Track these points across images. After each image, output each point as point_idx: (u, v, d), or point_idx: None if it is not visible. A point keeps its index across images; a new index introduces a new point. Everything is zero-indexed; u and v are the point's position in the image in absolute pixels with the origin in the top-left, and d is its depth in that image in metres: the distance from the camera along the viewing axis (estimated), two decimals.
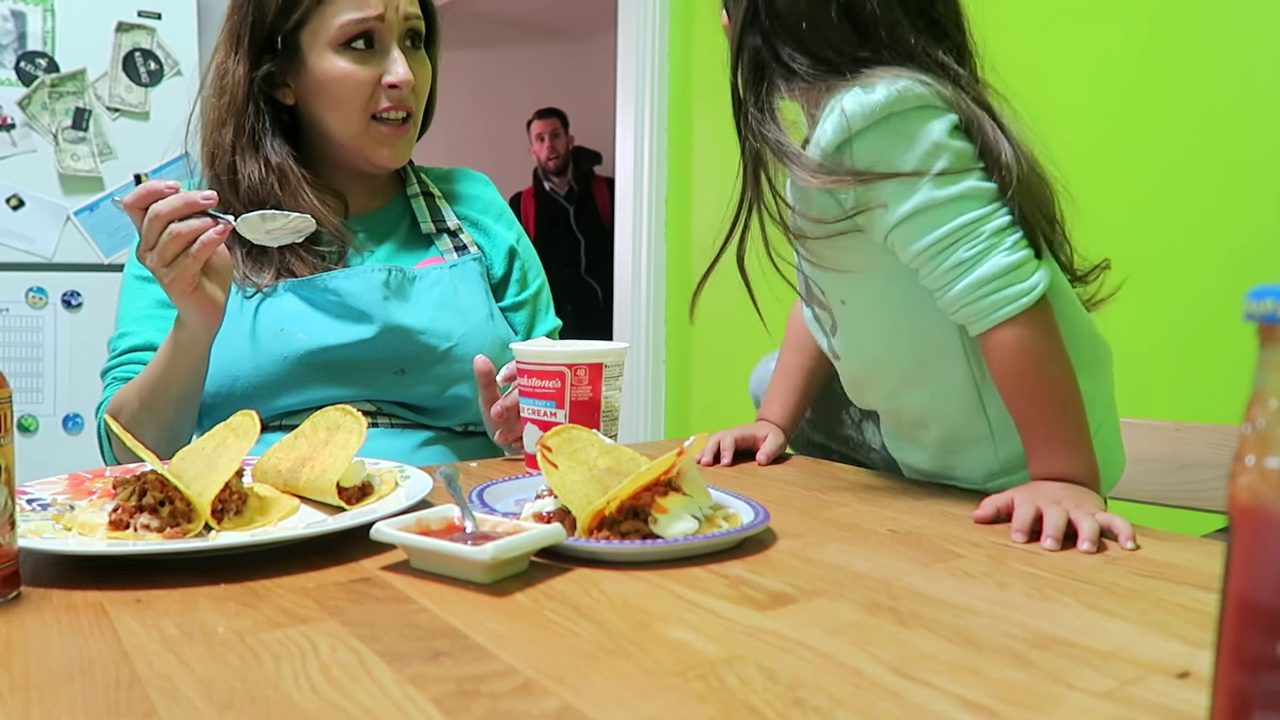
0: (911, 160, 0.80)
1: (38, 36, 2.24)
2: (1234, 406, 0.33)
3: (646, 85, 2.66)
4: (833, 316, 0.94)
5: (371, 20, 1.06)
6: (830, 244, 0.86)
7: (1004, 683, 0.46)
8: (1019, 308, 0.79)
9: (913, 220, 0.81)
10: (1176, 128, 1.54)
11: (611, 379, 0.89)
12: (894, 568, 0.65)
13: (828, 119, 0.81)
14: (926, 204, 0.80)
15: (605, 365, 0.88)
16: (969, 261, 0.80)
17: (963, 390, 0.90)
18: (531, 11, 5.00)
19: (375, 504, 0.75)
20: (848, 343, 0.95)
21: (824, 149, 0.81)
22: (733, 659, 0.48)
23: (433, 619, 0.54)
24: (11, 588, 0.57)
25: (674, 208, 2.69)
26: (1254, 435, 0.31)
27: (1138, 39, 1.58)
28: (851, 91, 0.80)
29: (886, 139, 0.80)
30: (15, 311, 2.25)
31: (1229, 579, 0.32)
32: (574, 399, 0.86)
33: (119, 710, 0.43)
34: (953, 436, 0.93)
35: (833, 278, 0.91)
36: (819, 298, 0.95)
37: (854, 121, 0.79)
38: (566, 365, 0.87)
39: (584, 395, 0.86)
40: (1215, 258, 1.49)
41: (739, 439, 1.05)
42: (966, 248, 0.80)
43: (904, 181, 0.80)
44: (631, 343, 2.72)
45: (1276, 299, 0.30)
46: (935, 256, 0.81)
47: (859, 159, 0.81)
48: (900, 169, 0.80)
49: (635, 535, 0.66)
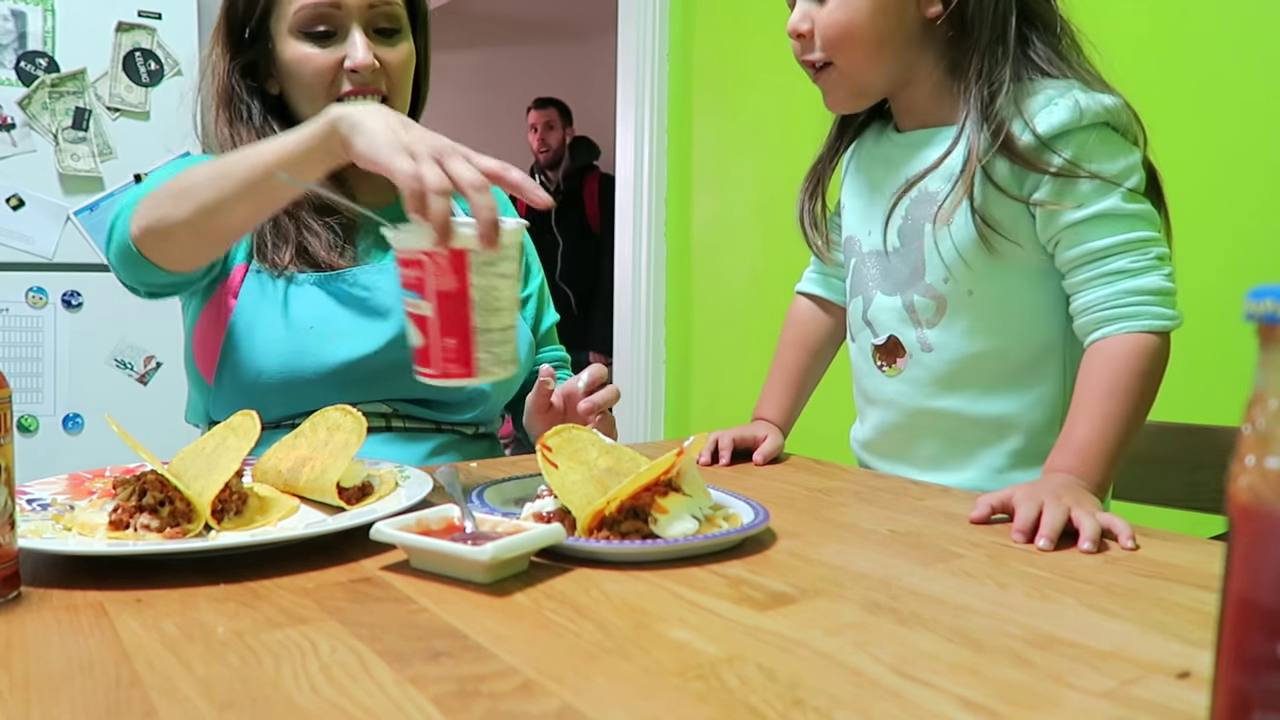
0: (1112, 169, 0.86)
1: (38, 36, 2.24)
2: (1234, 406, 0.33)
3: (646, 85, 2.66)
4: (942, 305, 0.94)
5: (325, 5, 1.05)
6: (1010, 207, 0.88)
7: (1004, 683, 0.46)
8: (1160, 327, 0.84)
9: (1092, 222, 0.86)
10: (1176, 127, 1.54)
11: (488, 267, 0.73)
12: (894, 568, 0.65)
13: (1055, 106, 0.85)
14: (1111, 210, 0.85)
15: (471, 252, 0.73)
16: (1130, 272, 0.85)
17: (1053, 403, 0.94)
18: (531, 11, 5.00)
19: (375, 504, 0.75)
20: (953, 335, 0.94)
21: (1041, 133, 0.85)
22: (733, 659, 0.48)
23: (433, 619, 0.54)
24: (11, 588, 0.57)
25: (674, 208, 2.69)
26: (1254, 435, 0.31)
27: (1137, 38, 1.58)
28: (1080, 89, 0.86)
29: (1101, 142, 0.86)
30: (15, 311, 2.25)
31: (1229, 579, 0.32)
32: (438, 289, 0.73)
33: (119, 710, 0.43)
34: (1023, 451, 0.94)
35: (969, 265, 0.91)
36: (927, 284, 0.94)
37: (1085, 115, 0.85)
38: (423, 252, 0.73)
39: (449, 285, 0.73)
40: (1215, 258, 1.49)
41: (737, 439, 1.05)
42: (1131, 259, 0.85)
43: (1099, 186, 0.85)
44: (631, 343, 2.72)
45: (1276, 299, 0.30)
46: (1099, 259, 0.86)
47: (1074, 150, 0.85)
48: (1102, 174, 0.85)
49: (635, 535, 0.66)
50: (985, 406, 0.95)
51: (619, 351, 2.78)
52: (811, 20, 0.91)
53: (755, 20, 2.41)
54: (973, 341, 0.93)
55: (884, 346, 0.99)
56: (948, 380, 0.96)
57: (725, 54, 2.54)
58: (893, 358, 0.99)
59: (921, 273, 0.94)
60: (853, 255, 1.03)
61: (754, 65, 2.41)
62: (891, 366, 0.99)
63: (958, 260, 0.92)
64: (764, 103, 2.37)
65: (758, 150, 2.36)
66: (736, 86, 2.50)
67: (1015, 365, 0.93)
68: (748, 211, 2.42)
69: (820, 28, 0.90)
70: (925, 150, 0.95)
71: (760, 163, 2.35)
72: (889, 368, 0.99)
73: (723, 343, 2.52)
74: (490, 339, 0.74)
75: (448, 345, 0.74)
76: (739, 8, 2.48)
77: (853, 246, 1.03)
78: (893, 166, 0.98)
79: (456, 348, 0.74)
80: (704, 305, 2.58)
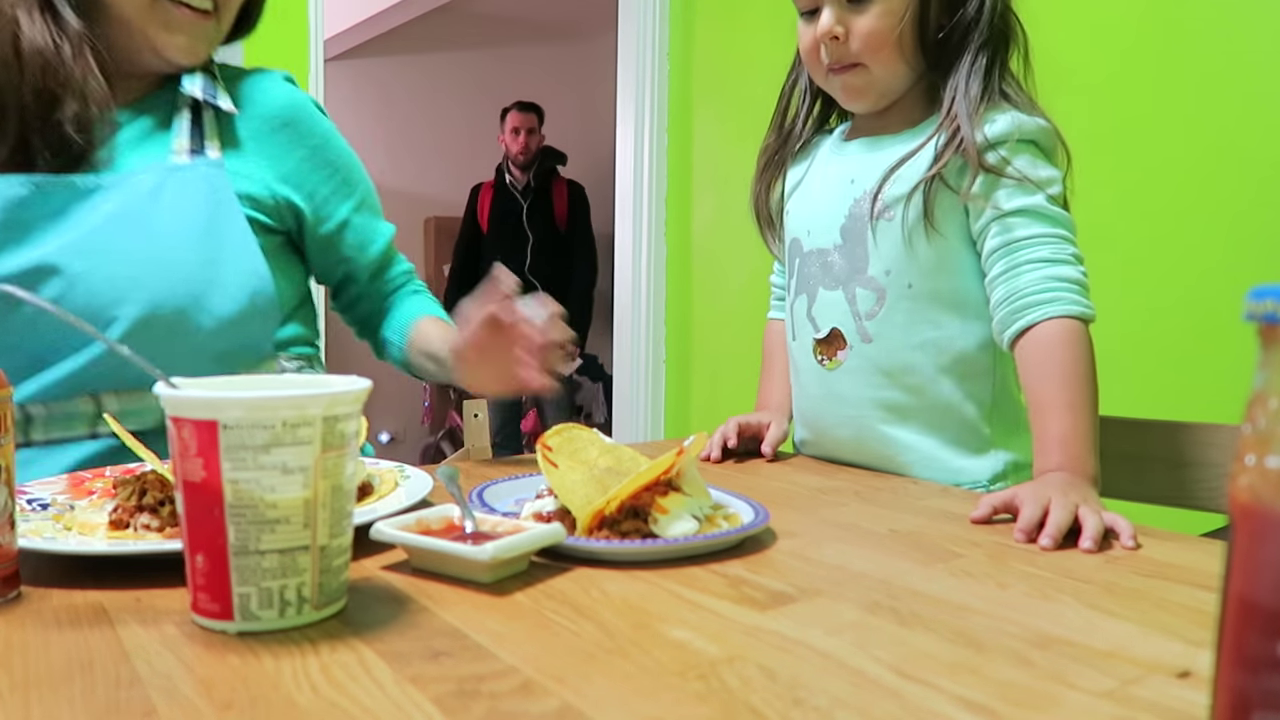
0: (1037, 176, 0.91)
1: None
2: (1234, 406, 0.33)
3: (646, 85, 2.66)
4: (882, 296, 0.98)
5: None
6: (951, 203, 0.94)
7: (1004, 683, 0.46)
8: (1081, 314, 0.87)
9: (1018, 215, 0.91)
10: (1176, 127, 1.54)
11: (249, 454, 0.50)
12: (894, 568, 0.65)
13: (997, 118, 0.92)
14: (1035, 207, 0.91)
15: (224, 426, 0.49)
16: (1052, 260, 0.89)
17: (983, 399, 0.98)
18: (531, 11, 5.00)
19: (375, 504, 0.75)
20: (891, 326, 0.98)
21: (987, 137, 0.92)
22: (733, 659, 0.48)
23: (433, 619, 0.54)
24: (11, 588, 0.57)
25: (674, 208, 2.69)
26: (1254, 435, 0.31)
27: (1136, 37, 1.58)
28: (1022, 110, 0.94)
29: (1031, 154, 0.93)
30: None
31: (1229, 579, 0.32)
32: (185, 476, 0.51)
33: (119, 710, 0.43)
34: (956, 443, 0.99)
35: (909, 258, 0.96)
36: (869, 276, 0.98)
37: (1020, 130, 0.92)
38: (170, 417, 0.51)
39: (195, 474, 0.51)
40: (1215, 257, 1.49)
41: (742, 425, 1.07)
42: (1052, 250, 0.90)
43: (1026, 186, 0.91)
44: (631, 343, 2.72)
45: (1276, 299, 0.30)
46: (1021, 247, 0.90)
47: (1009, 156, 0.92)
48: (1030, 177, 0.91)
49: (635, 535, 0.66)
50: (920, 398, 0.98)
51: (619, 351, 2.78)
52: (845, 25, 0.95)
53: (755, 20, 2.41)
54: (910, 333, 0.97)
55: (825, 340, 1.03)
56: (885, 371, 0.99)
57: (725, 54, 2.54)
58: (833, 350, 1.02)
59: (864, 266, 0.99)
60: (796, 256, 1.07)
61: (754, 65, 2.41)
62: (831, 360, 1.03)
63: (901, 252, 0.96)
64: (764, 103, 2.37)
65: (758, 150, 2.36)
66: (736, 86, 2.50)
67: (950, 358, 0.97)
68: (747, 211, 2.42)
69: (861, 34, 0.95)
70: (878, 153, 1.00)
71: None
72: (829, 361, 1.03)
73: (723, 343, 2.52)
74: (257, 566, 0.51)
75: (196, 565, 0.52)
76: (739, 8, 2.48)
77: (796, 249, 1.07)
78: (843, 170, 1.03)
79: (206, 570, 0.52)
80: (704, 305, 2.58)
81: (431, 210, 4.90)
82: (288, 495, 0.51)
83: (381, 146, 4.81)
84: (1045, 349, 0.87)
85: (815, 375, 1.05)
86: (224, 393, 0.51)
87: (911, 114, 1.00)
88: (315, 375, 0.87)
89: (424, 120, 4.88)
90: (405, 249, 1.18)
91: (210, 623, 0.52)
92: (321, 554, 0.53)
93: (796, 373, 1.09)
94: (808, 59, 1.01)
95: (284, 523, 0.51)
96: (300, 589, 0.52)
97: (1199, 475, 1.01)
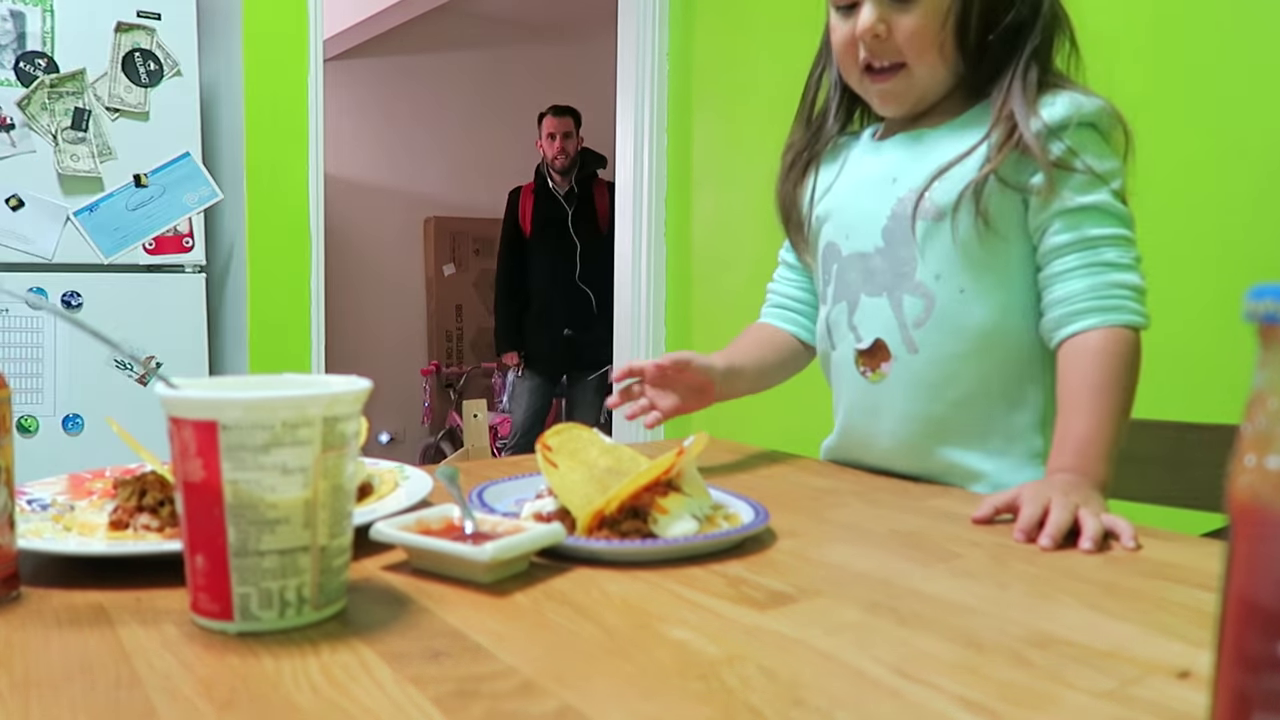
0: (1102, 168, 0.87)
1: (37, 37, 2.24)
2: (1234, 406, 0.33)
3: (646, 85, 2.66)
4: (931, 303, 0.93)
5: None
6: (1009, 200, 0.90)
7: (1004, 683, 0.46)
8: (1138, 324, 0.85)
9: (1087, 212, 0.87)
10: (1176, 126, 1.54)
11: (249, 454, 0.50)
12: (894, 568, 0.65)
13: (1055, 102, 0.87)
14: (1104, 205, 0.87)
15: (224, 426, 0.50)
16: (1118, 265, 0.86)
17: (1037, 406, 0.94)
18: (531, 11, 5.00)
19: (375, 504, 0.75)
20: (941, 335, 0.93)
21: (1048, 123, 0.87)
22: (733, 659, 0.48)
23: (433, 619, 0.54)
24: (11, 588, 0.57)
25: (674, 208, 2.69)
26: (1254, 435, 0.31)
27: (1135, 36, 1.58)
28: (1081, 92, 0.89)
29: (1094, 140, 0.88)
30: (15, 312, 2.24)
31: (1229, 579, 0.32)
32: (185, 477, 0.52)
33: (119, 710, 0.43)
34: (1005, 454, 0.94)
35: (963, 261, 0.91)
36: (918, 282, 0.93)
37: (1081, 113, 0.87)
38: (170, 418, 0.52)
39: (195, 474, 0.51)
40: (1215, 257, 1.49)
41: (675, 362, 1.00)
42: (1119, 253, 0.87)
43: (1092, 179, 0.87)
44: (631, 343, 2.72)
45: (1276, 299, 0.30)
46: (1090, 247, 0.87)
47: (1071, 143, 0.87)
48: (1095, 169, 0.87)
49: (635, 535, 0.66)
50: (967, 410, 0.94)
51: (619, 351, 2.78)
52: (888, 22, 0.90)
53: (755, 20, 2.41)
54: (959, 342, 0.92)
55: (868, 351, 0.97)
56: (931, 384, 0.94)
57: (725, 54, 2.54)
58: (876, 362, 0.97)
59: (910, 271, 0.94)
60: (833, 262, 1.01)
61: (754, 65, 2.41)
62: (875, 371, 0.97)
63: (952, 256, 0.91)
64: (764, 103, 2.37)
65: (758, 150, 2.36)
66: (736, 86, 2.50)
67: (1002, 367, 0.93)
68: (748, 211, 2.42)
69: (907, 34, 0.90)
70: (920, 147, 0.95)
71: (760, 163, 2.35)
72: (872, 373, 0.97)
73: (722, 343, 2.51)
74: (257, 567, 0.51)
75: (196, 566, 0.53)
76: (739, 8, 2.48)
77: (833, 254, 1.01)
78: (883, 168, 0.98)
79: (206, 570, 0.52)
80: (704, 305, 2.58)
81: (431, 210, 4.90)
82: (288, 495, 0.51)
83: (381, 146, 4.82)
84: (1090, 354, 0.85)
85: (857, 386, 0.99)
86: (223, 393, 0.51)
87: (952, 109, 0.95)
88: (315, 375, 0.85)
89: (424, 120, 4.89)
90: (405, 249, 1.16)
91: (210, 623, 0.52)
92: (321, 554, 0.53)
93: (837, 382, 1.03)
94: (841, 56, 0.95)
95: (284, 523, 0.51)
96: (300, 589, 0.52)
97: (1199, 475, 1.01)
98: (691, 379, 1.01)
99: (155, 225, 2.34)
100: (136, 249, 2.32)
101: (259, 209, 2.43)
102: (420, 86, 4.90)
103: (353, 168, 4.68)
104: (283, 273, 2.46)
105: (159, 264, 2.35)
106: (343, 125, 4.51)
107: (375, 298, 4.80)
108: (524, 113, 4.07)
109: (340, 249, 4.28)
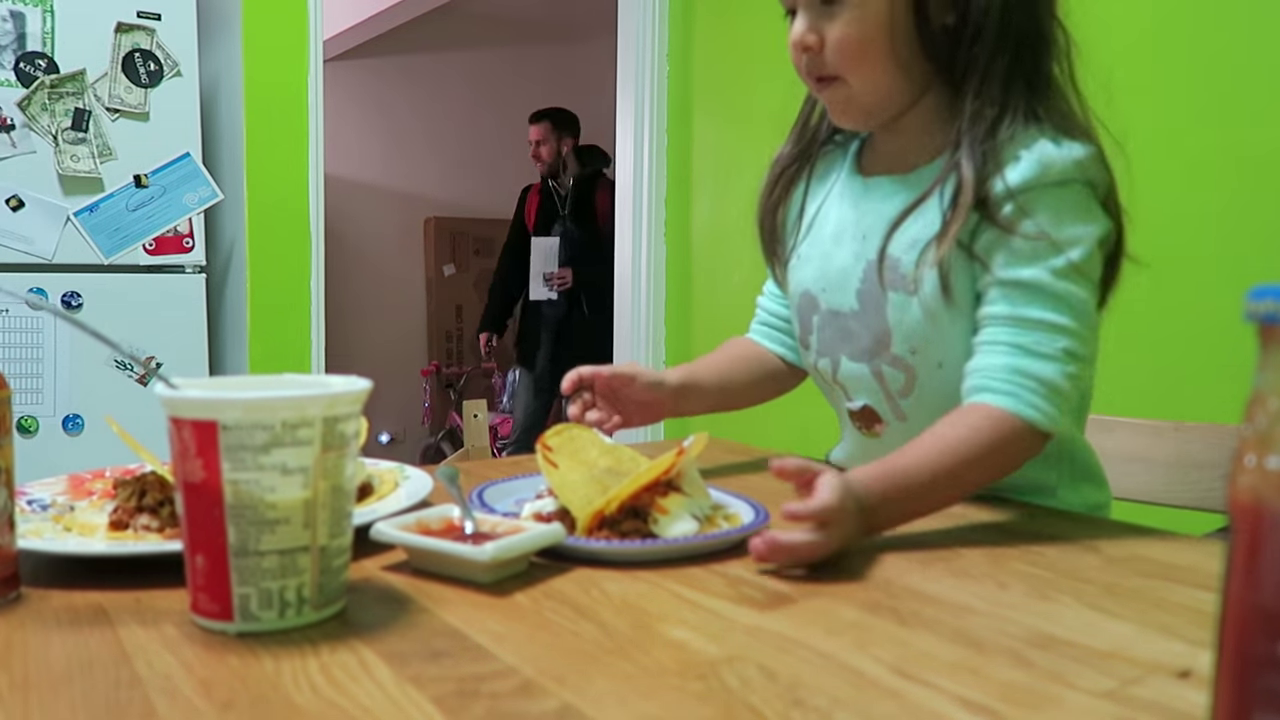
0: (1059, 235, 0.78)
1: (37, 37, 2.24)
2: (1234, 406, 0.33)
3: (646, 85, 2.66)
4: (911, 377, 0.87)
5: None
6: (966, 264, 0.82)
7: (1004, 683, 0.46)
8: (1033, 418, 0.76)
9: (1017, 287, 0.79)
10: (1177, 126, 1.54)
11: (249, 454, 0.50)
12: (894, 568, 0.65)
13: (1020, 160, 0.79)
14: (1037, 282, 0.78)
15: (224, 426, 0.50)
16: (1031, 353, 0.77)
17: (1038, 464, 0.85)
18: (531, 12, 5.00)
19: (375, 504, 0.75)
20: (926, 408, 0.86)
21: (1008, 185, 0.78)
22: (733, 659, 0.48)
23: (433, 619, 0.54)
24: (11, 589, 0.57)
25: (674, 208, 2.69)
26: (1254, 435, 0.31)
27: (1137, 36, 1.58)
28: (1050, 139, 0.79)
29: (1059, 201, 0.79)
30: (15, 312, 2.24)
31: (1229, 579, 0.32)
32: (185, 477, 0.52)
33: (119, 710, 0.43)
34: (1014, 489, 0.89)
35: (935, 333, 0.84)
36: (895, 355, 0.87)
37: (1050, 172, 0.78)
38: (170, 418, 0.52)
39: (195, 474, 0.51)
40: (1215, 257, 1.49)
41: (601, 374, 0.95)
42: (1036, 340, 0.77)
43: (1037, 249, 0.78)
44: (631, 343, 2.72)
45: (1276, 299, 0.30)
46: (1016, 325, 0.78)
47: (1030, 206, 0.78)
48: (1047, 235, 0.78)
49: (635, 535, 0.66)
50: None
51: (619, 351, 2.78)
52: (819, 33, 0.83)
53: (755, 21, 2.41)
54: (949, 407, 0.82)
55: (859, 413, 0.93)
56: None
57: (725, 54, 2.54)
58: (871, 424, 0.93)
59: (887, 343, 0.87)
60: (813, 313, 0.94)
61: (754, 65, 2.41)
62: (870, 431, 0.93)
63: (925, 328, 0.85)
64: (764, 103, 2.37)
65: (758, 150, 2.36)
66: (736, 86, 2.50)
67: None
68: (748, 212, 2.42)
69: (833, 43, 0.83)
70: (889, 204, 0.87)
71: (760, 163, 2.35)
72: (867, 431, 0.94)
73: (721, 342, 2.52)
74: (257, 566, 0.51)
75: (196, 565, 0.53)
76: (739, 8, 2.48)
77: (810, 304, 0.94)
78: (857, 220, 0.90)
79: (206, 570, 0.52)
80: (704, 305, 2.58)
81: (431, 210, 4.91)
82: (288, 496, 0.51)
83: (381, 146, 4.82)
84: (965, 423, 0.76)
85: (855, 439, 0.96)
86: (223, 393, 0.51)
87: (930, 136, 0.86)
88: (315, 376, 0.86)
89: (423, 120, 4.89)
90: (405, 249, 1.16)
91: (210, 623, 0.52)
92: (321, 554, 0.53)
93: (840, 423, 0.99)
94: (795, 65, 0.88)
95: (284, 523, 0.51)
96: (300, 589, 0.52)
97: (1199, 475, 1.01)
98: (636, 394, 0.96)
99: (155, 226, 2.34)
100: (136, 249, 2.32)
101: (259, 209, 2.43)
102: (420, 86, 4.90)
103: (353, 168, 4.69)
104: (283, 273, 2.46)
105: (159, 264, 2.35)
106: (343, 125, 4.51)
107: (375, 298, 4.81)
108: (524, 113, 4.07)
109: (340, 249, 4.29)
